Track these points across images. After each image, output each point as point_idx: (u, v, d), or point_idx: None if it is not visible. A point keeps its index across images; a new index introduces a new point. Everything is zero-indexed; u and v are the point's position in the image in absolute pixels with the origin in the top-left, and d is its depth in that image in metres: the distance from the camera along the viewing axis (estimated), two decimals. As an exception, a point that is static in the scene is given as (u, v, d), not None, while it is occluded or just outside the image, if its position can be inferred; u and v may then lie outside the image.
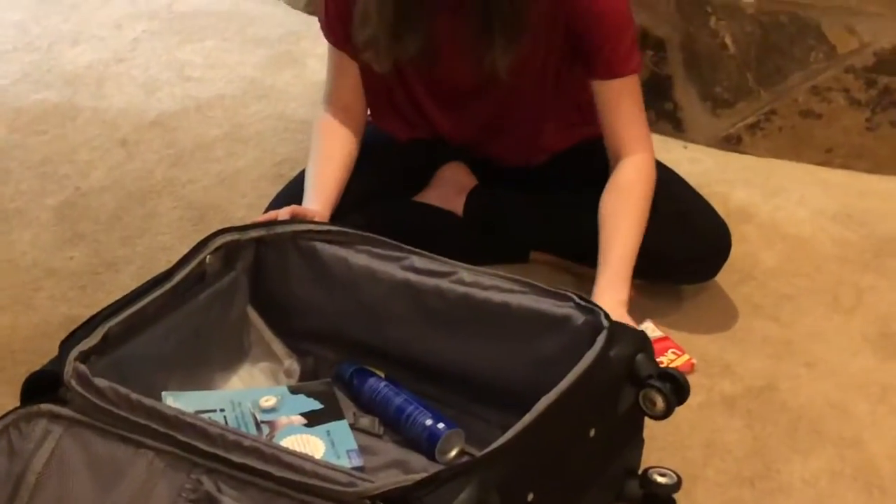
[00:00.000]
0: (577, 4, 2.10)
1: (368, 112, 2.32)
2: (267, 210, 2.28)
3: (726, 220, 2.26)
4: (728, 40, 2.66)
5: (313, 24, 3.03)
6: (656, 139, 2.58)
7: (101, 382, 1.65)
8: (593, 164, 2.27)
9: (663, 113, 2.76)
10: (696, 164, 2.48)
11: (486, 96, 2.24)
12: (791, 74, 2.66)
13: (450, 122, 2.33)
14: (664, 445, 1.92)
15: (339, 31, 2.23)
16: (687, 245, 2.24)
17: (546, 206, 2.32)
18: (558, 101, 2.25)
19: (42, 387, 1.69)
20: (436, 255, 1.95)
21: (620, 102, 2.16)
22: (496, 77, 2.13)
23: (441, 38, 2.16)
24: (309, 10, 3.16)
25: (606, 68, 2.14)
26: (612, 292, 2.04)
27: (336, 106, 2.28)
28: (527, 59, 2.13)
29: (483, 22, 2.09)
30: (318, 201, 2.16)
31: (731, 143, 2.74)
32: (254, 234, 2.00)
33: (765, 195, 2.58)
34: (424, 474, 1.60)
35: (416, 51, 2.15)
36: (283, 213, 2.07)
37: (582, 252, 2.28)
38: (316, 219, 2.10)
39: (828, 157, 2.69)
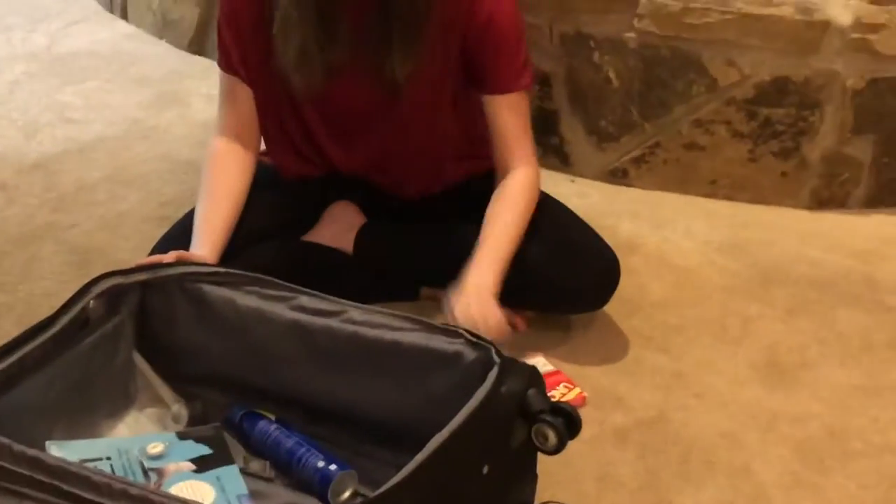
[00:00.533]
0: (474, 18, 2.12)
1: (262, 143, 2.31)
2: (152, 252, 2.25)
3: (613, 251, 2.28)
4: (612, 74, 2.69)
5: (197, 63, 3.04)
6: (544, 173, 2.58)
7: (-18, 434, 1.62)
8: (486, 198, 2.28)
9: (550, 147, 2.78)
10: (584, 198, 2.50)
11: (382, 121, 2.24)
12: (674, 107, 2.69)
13: (343, 152, 2.31)
14: (558, 480, 1.92)
15: (233, 55, 2.21)
16: (576, 275, 2.25)
17: (436, 241, 2.32)
18: (453, 130, 2.26)
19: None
20: (325, 295, 1.94)
21: (510, 118, 2.18)
22: (395, 89, 2.13)
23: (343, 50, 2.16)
24: (192, 49, 3.15)
25: (499, 83, 2.17)
26: (478, 276, 2.06)
27: (228, 135, 2.25)
28: (424, 73, 2.14)
29: (383, 27, 2.10)
30: (206, 245, 2.14)
31: (618, 176, 2.76)
32: (138, 277, 1.98)
33: (652, 227, 2.61)
34: (317, 517, 1.59)
35: (346, 56, 2.14)
36: (168, 257, 2.05)
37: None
38: (204, 258, 2.09)
39: (712, 188, 2.73)
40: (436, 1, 2.10)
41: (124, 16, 3.30)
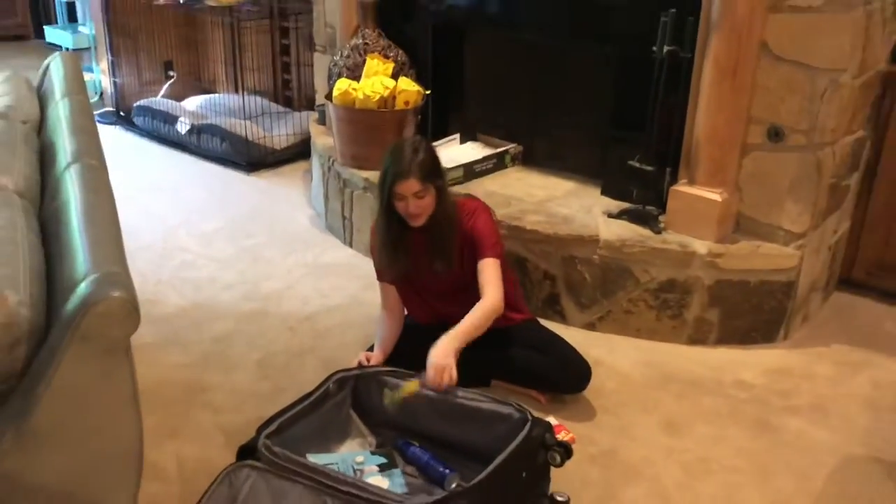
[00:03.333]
0: (470, 234, 2.13)
1: (406, 311, 2.30)
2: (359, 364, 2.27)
3: (589, 363, 2.26)
4: (587, 276, 2.67)
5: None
6: (552, 324, 2.60)
7: (277, 449, 1.65)
8: (522, 336, 2.27)
9: (556, 311, 2.74)
10: (573, 337, 2.46)
11: (444, 291, 2.23)
12: (618, 293, 2.65)
13: (433, 307, 2.28)
14: (561, 480, 1.89)
15: (379, 271, 2.24)
16: (569, 373, 2.23)
17: (500, 358, 2.28)
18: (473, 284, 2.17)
19: (247, 452, 1.68)
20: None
21: (486, 271, 2.12)
22: (441, 276, 2.11)
23: (412, 261, 2.16)
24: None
25: (482, 253, 2.13)
26: (448, 341, 1.96)
27: (386, 309, 2.26)
28: (455, 264, 2.13)
29: (430, 250, 2.12)
30: (380, 352, 2.15)
31: (591, 326, 2.72)
32: (354, 373, 2.01)
33: (607, 352, 2.57)
34: (441, 495, 1.58)
35: (403, 265, 2.15)
36: (362, 358, 2.07)
37: (514, 380, 2.27)
38: (379, 360, 2.09)
39: (638, 333, 2.67)
40: (456, 232, 2.13)
41: (351, 245, 3.32)
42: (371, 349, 2.25)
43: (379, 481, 1.74)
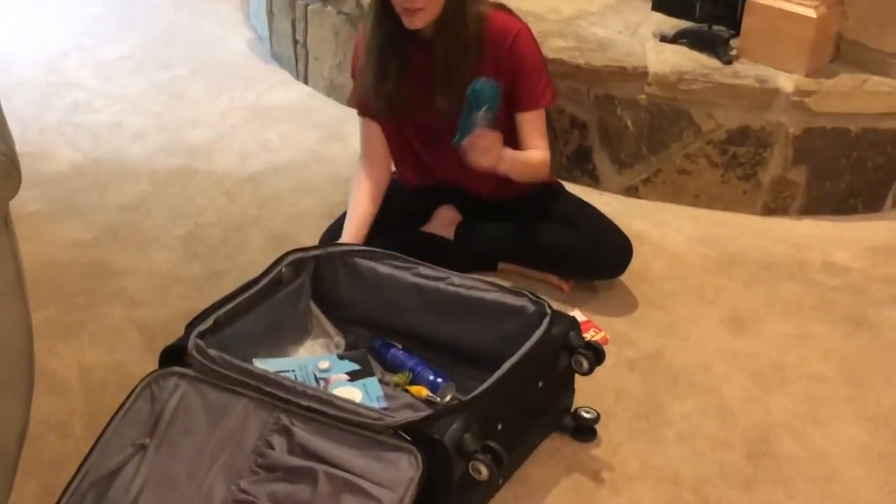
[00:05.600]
0: (508, 64, 2.08)
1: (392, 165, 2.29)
2: (321, 238, 2.28)
3: (629, 239, 2.26)
4: (629, 122, 2.66)
5: (352, 113, 3.05)
6: (581, 190, 2.61)
7: (213, 352, 1.66)
8: (543, 205, 2.27)
9: (586, 171, 2.75)
10: (609, 206, 2.47)
11: (448, 147, 2.20)
12: (671, 145, 2.65)
13: (434, 161, 2.27)
14: (588, 393, 1.92)
15: (362, 101, 2.21)
16: (602, 254, 2.25)
17: (510, 234, 2.30)
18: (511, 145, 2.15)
19: (174, 356, 1.69)
20: (435, 266, 1.96)
21: (534, 125, 2.14)
22: (443, 117, 2.06)
23: (407, 89, 2.12)
24: (350, 104, 3.16)
25: (528, 100, 2.12)
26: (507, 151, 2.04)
27: (366, 158, 2.25)
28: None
29: (432, 73, 2.07)
30: (349, 237, 2.16)
31: (632, 191, 2.73)
32: (314, 253, 2.01)
33: (654, 226, 2.58)
34: (429, 411, 1.60)
35: (393, 90, 2.11)
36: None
37: (531, 263, 2.29)
38: (351, 240, 2.12)
39: (695, 200, 2.69)
40: (473, 51, 2.05)
41: (306, 81, 3.30)
42: (338, 223, 2.24)
43: (349, 392, 1.77)
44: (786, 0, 2.55)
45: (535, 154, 2.13)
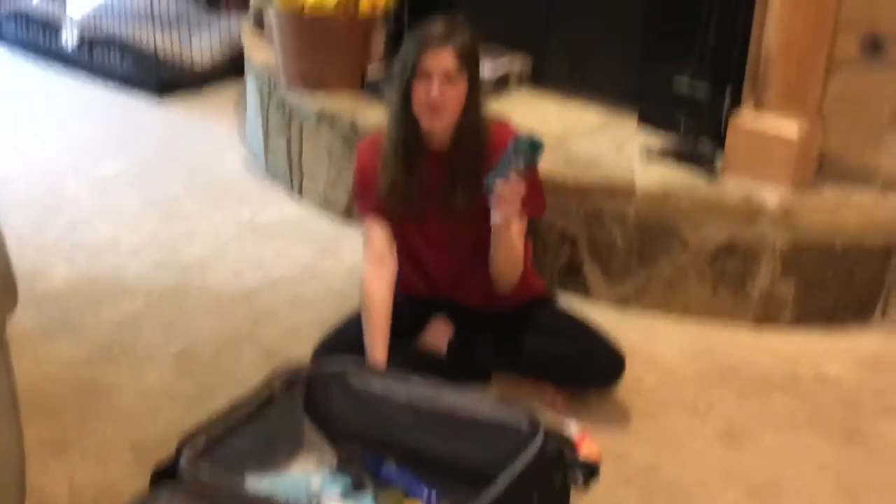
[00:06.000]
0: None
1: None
2: (314, 353, 2.26)
3: (621, 351, 2.26)
4: (618, 237, 2.68)
5: (347, 228, 3.07)
6: (573, 301, 2.60)
7: (204, 471, 1.64)
8: (536, 316, 2.28)
9: (577, 284, 2.76)
10: (600, 317, 2.46)
11: (454, 248, 2.24)
12: (660, 258, 2.67)
13: (434, 270, 2.29)
14: (583, 508, 1.90)
15: (369, 198, 2.21)
16: (595, 365, 2.25)
17: (502, 347, 2.30)
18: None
19: (165, 474, 1.68)
20: (429, 380, 1.95)
21: (518, 234, 2.16)
22: (459, 217, 2.12)
23: (419, 193, 2.16)
24: (343, 219, 3.19)
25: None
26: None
27: (375, 261, 2.19)
28: (479, 209, 2.10)
29: (450, 168, 2.12)
30: (383, 356, 2.14)
31: (623, 303, 2.73)
32: (307, 371, 2.00)
33: (645, 337, 2.59)
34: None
35: (410, 189, 2.14)
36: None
37: (524, 374, 2.29)
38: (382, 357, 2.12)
39: (686, 311, 2.69)
40: (486, 154, 2.11)
41: (299, 196, 3.34)
42: (332, 335, 2.25)
43: (342, 512, 1.74)
44: (769, 116, 2.60)
45: (521, 255, 2.17)
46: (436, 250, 2.26)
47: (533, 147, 1.97)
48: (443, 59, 2.06)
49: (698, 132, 2.72)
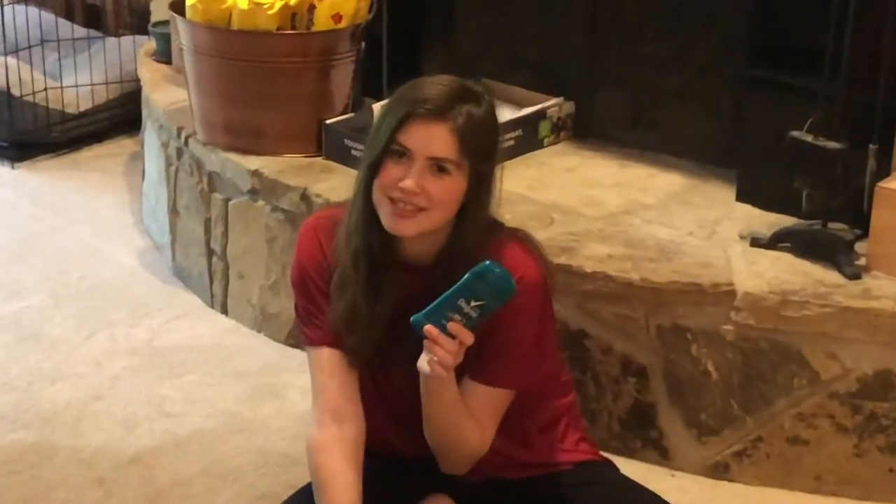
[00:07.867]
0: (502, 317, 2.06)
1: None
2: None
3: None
4: (710, 367, 2.67)
5: (294, 356, 3.06)
6: (643, 468, 2.58)
7: None
8: (581, 493, 2.25)
9: (649, 441, 2.74)
10: (685, 494, 2.45)
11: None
12: (776, 401, 2.65)
13: (417, 419, 2.21)
14: None
15: (317, 317, 2.18)
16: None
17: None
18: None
19: None
20: None
21: (488, 406, 2.14)
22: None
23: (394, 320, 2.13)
24: (289, 342, 3.17)
25: (497, 371, 2.11)
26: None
27: (326, 418, 2.16)
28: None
29: (426, 296, 2.05)
30: None
31: (719, 470, 2.71)
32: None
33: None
34: None
35: (383, 317, 2.12)
36: None
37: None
38: None
39: (817, 484, 2.66)
40: None
41: (224, 311, 3.34)
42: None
43: None
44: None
45: (473, 429, 2.12)
46: (413, 400, 2.22)
47: (501, 283, 1.93)
48: (433, 138, 2.00)
49: (828, 209, 2.72)
